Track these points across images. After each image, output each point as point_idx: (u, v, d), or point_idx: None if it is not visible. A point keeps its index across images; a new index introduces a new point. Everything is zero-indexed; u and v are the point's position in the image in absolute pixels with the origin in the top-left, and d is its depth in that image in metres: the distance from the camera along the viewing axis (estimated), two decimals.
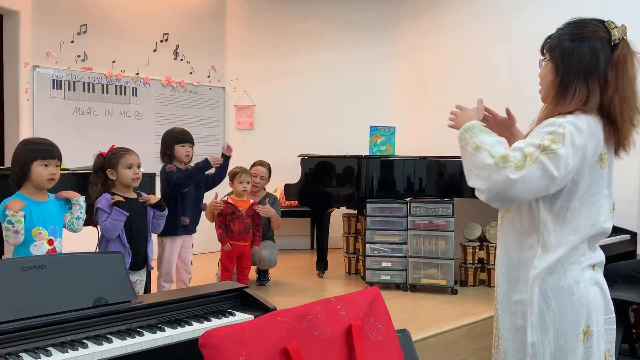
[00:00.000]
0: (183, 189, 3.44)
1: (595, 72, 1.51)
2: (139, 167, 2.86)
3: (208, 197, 3.73)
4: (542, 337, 1.55)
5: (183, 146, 3.51)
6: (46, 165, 2.45)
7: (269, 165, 4.46)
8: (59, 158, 2.52)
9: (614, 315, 1.67)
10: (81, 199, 2.63)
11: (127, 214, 2.74)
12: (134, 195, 2.88)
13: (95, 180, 2.85)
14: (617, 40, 1.53)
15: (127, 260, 2.76)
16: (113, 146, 2.91)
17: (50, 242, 2.48)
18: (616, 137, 1.54)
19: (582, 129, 1.47)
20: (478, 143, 1.49)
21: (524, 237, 1.62)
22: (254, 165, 4.39)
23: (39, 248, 2.43)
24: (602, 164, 1.54)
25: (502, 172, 1.42)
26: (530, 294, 1.56)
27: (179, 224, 3.45)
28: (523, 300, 1.59)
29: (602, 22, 1.58)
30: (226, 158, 3.65)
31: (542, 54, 1.66)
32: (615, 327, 1.68)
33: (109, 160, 2.83)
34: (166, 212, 3.00)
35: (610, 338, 1.66)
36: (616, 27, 1.55)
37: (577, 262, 1.56)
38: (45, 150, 2.47)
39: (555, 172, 1.42)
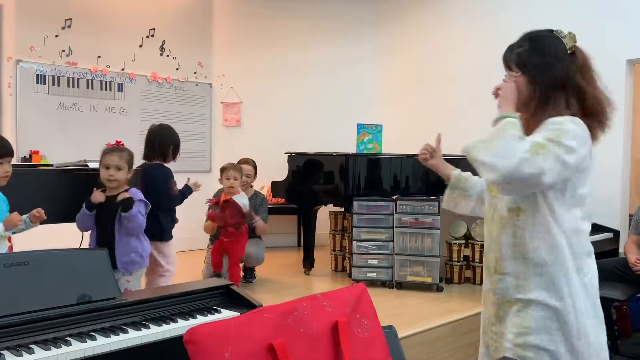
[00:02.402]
0: None
1: (568, 81, 1.64)
2: (120, 169, 2.77)
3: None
4: (593, 324, 1.62)
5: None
6: (0, 164, 2.38)
7: (254, 162, 4.45)
8: (12, 154, 2.46)
9: None
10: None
11: (88, 212, 2.74)
12: (116, 192, 2.81)
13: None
14: (573, 49, 1.65)
15: None
16: (118, 142, 2.86)
17: (9, 239, 2.43)
18: (596, 129, 1.65)
19: (579, 123, 1.59)
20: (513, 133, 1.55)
21: (550, 233, 1.63)
22: (239, 163, 4.37)
23: (1, 245, 2.39)
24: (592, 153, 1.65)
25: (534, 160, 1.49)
26: (575, 285, 1.61)
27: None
28: (574, 292, 1.62)
29: (551, 31, 1.69)
30: (188, 191, 3.53)
31: (508, 67, 1.74)
32: None
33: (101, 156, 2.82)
34: (131, 214, 2.77)
35: None
36: (565, 35, 1.67)
37: (591, 255, 1.68)
38: None
39: (569, 159, 1.53)
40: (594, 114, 1.62)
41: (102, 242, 2.79)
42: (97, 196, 2.76)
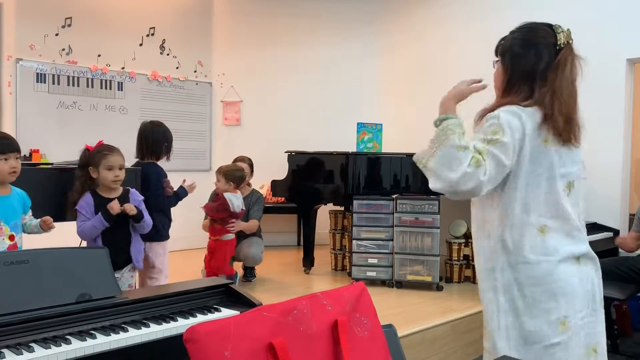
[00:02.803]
0: None
1: (537, 74, 1.65)
2: (120, 168, 2.75)
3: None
4: (513, 322, 1.64)
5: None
6: (6, 159, 2.39)
7: (250, 160, 4.44)
8: (18, 150, 2.47)
9: (600, 309, 1.72)
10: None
11: (108, 225, 2.70)
12: (117, 193, 2.81)
13: (80, 175, 2.78)
14: (562, 45, 1.65)
15: None
16: (101, 142, 2.83)
17: (12, 237, 2.42)
18: (553, 128, 1.62)
19: (515, 112, 1.61)
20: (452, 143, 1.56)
21: (488, 227, 1.70)
22: (234, 161, 4.37)
23: (0, 244, 2.39)
24: (546, 144, 1.62)
25: (475, 175, 1.52)
26: (502, 281, 1.66)
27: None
28: (498, 287, 1.67)
29: (550, 26, 1.69)
30: (183, 192, 3.50)
31: (496, 55, 1.78)
32: (600, 319, 1.72)
33: (92, 158, 2.74)
34: (144, 221, 2.84)
35: (594, 331, 1.69)
36: (562, 31, 1.67)
37: (551, 253, 1.62)
38: (3, 145, 2.40)
39: (506, 160, 1.56)
40: (540, 106, 1.62)
41: (114, 244, 2.71)
42: (116, 207, 2.71)
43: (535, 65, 1.65)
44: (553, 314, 1.61)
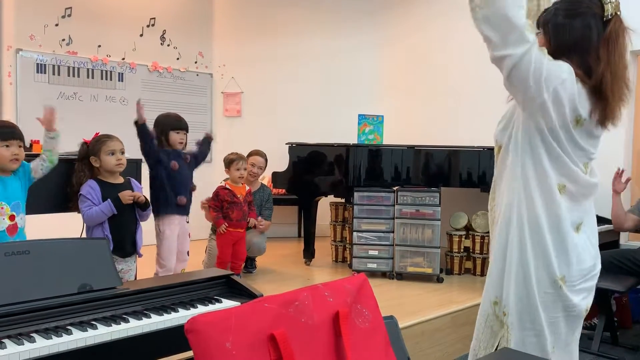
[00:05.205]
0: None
1: (587, 47, 1.57)
2: (122, 152, 2.81)
3: (196, 179, 3.62)
4: (524, 272, 1.63)
5: (178, 133, 3.42)
6: (7, 146, 2.44)
7: (265, 154, 4.43)
8: (21, 138, 2.51)
9: (598, 272, 1.72)
10: (59, 135, 2.67)
11: (116, 212, 2.73)
12: (121, 180, 2.86)
13: (81, 168, 2.81)
14: (610, 16, 1.56)
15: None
16: (97, 134, 2.87)
17: (12, 217, 2.47)
18: (604, 111, 1.57)
19: (570, 70, 1.54)
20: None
21: (511, 182, 1.67)
22: (251, 154, 4.36)
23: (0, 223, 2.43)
24: (576, 125, 1.57)
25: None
26: (513, 234, 1.65)
27: (172, 202, 3.33)
28: (510, 240, 1.66)
29: None
30: (206, 142, 3.69)
31: (538, 27, 1.70)
32: (594, 283, 1.72)
33: (91, 148, 2.80)
34: (149, 210, 2.95)
35: (589, 295, 1.71)
36: (610, 2, 1.57)
37: (555, 216, 1.62)
38: (5, 132, 2.45)
39: (545, 62, 1.50)
40: (599, 86, 1.55)
41: (122, 229, 2.81)
42: (127, 197, 2.77)
43: (584, 37, 1.56)
44: (555, 270, 1.61)
